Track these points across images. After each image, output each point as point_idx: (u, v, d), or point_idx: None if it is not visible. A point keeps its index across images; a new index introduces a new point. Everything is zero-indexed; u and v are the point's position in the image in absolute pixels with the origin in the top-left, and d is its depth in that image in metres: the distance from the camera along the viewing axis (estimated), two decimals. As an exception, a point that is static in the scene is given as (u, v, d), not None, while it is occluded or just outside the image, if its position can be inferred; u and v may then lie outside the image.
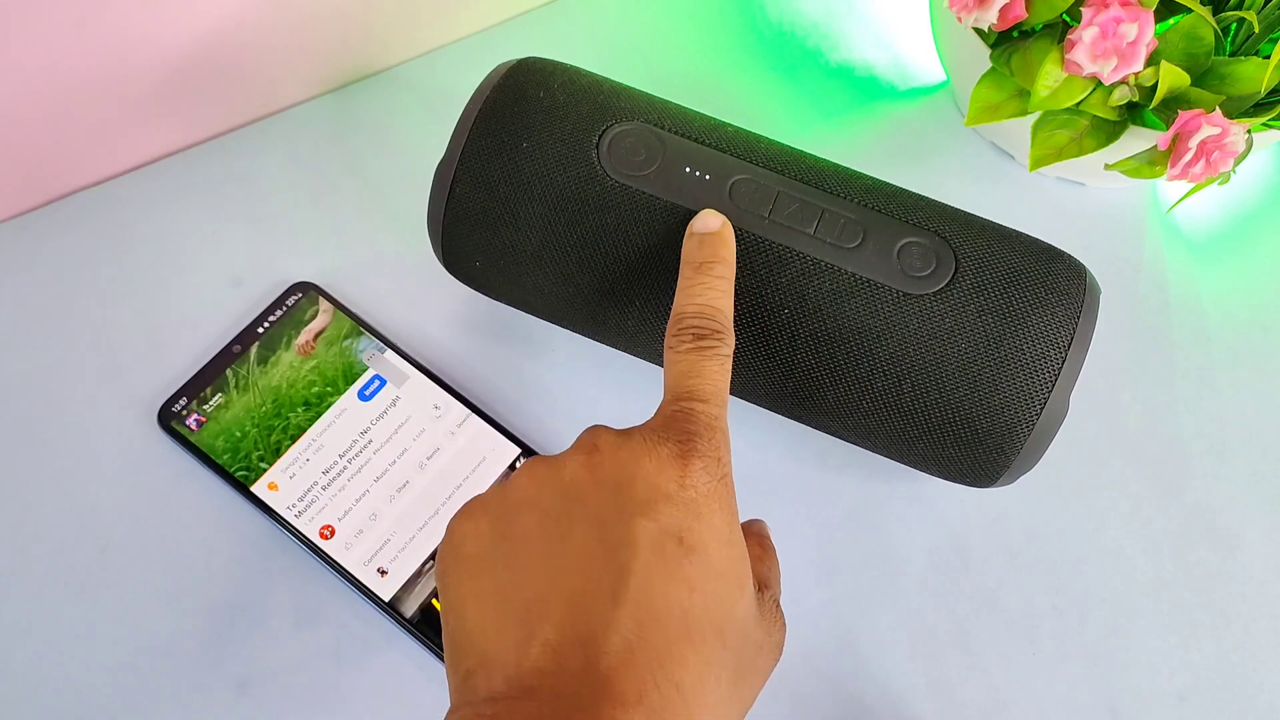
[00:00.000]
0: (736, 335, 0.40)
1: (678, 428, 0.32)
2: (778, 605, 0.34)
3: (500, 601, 0.30)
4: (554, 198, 0.40)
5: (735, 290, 0.40)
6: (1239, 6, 0.45)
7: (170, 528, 0.45)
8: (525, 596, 0.30)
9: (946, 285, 0.39)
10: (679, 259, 0.40)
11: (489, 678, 0.29)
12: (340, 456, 0.46)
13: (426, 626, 0.43)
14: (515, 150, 0.40)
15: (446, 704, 0.42)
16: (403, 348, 0.48)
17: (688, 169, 0.40)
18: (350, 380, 0.47)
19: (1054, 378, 0.38)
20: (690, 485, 0.31)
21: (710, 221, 0.38)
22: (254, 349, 0.48)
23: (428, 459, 0.46)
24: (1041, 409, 0.38)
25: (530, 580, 0.30)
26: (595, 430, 0.33)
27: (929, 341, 0.39)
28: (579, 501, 0.31)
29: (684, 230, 0.39)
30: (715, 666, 0.29)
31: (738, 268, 0.39)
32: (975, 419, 0.39)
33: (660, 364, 0.44)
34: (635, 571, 0.29)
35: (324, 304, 0.49)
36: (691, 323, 0.35)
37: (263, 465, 0.45)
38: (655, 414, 0.33)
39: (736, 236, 0.39)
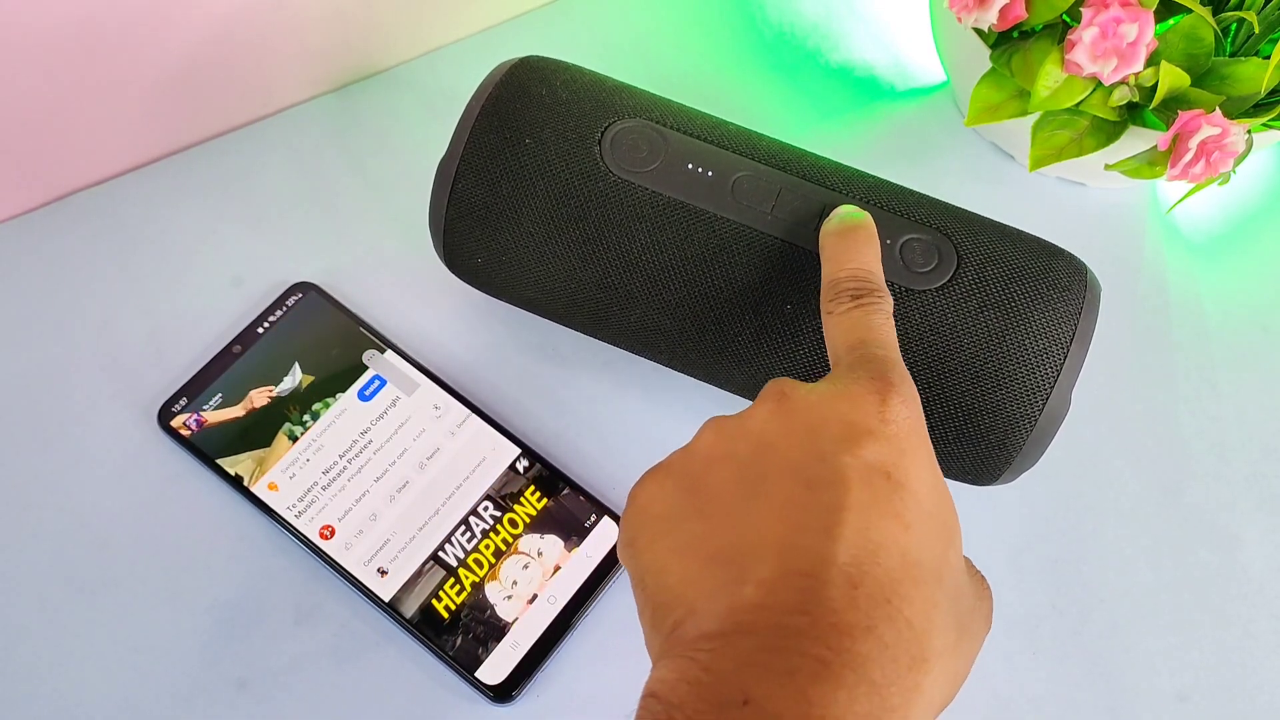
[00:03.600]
0: (738, 330, 0.40)
1: (866, 369, 0.30)
2: (981, 575, 0.32)
3: (702, 552, 0.29)
4: (556, 194, 0.40)
5: (737, 286, 0.40)
6: (1239, 6, 0.45)
7: (170, 528, 0.45)
8: (728, 544, 0.28)
9: (948, 281, 0.39)
10: (682, 255, 0.40)
11: (698, 622, 0.27)
12: (340, 456, 0.46)
13: (426, 626, 0.43)
14: (518, 146, 0.40)
15: (445, 704, 0.43)
16: (403, 348, 0.48)
17: (690, 165, 0.40)
18: (350, 380, 0.47)
19: (1056, 373, 0.38)
20: (891, 420, 0.29)
21: (850, 209, 0.38)
22: (253, 349, 0.48)
23: (428, 459, 0.46)
24: (1044, 405, 0.38)
25: (729, 528, 0.29)
26: (780, 381, 0.32)
27: (930, 337, 0.39)
28: (772, 449, 0.30)
29: (685, 227, 0.40)
30: (941, 610, 0.27)
31: (740, 264, 0.39)
32: (977, 415, 0.39)
33: (661, 364, 0.44)
34: (849, 506, 0.27)
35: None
36: (847, 285, 0.34)
37: (262, 465, 0.45)
38: (832, 371, 0.32)
39: (739, 233, 0.39)
